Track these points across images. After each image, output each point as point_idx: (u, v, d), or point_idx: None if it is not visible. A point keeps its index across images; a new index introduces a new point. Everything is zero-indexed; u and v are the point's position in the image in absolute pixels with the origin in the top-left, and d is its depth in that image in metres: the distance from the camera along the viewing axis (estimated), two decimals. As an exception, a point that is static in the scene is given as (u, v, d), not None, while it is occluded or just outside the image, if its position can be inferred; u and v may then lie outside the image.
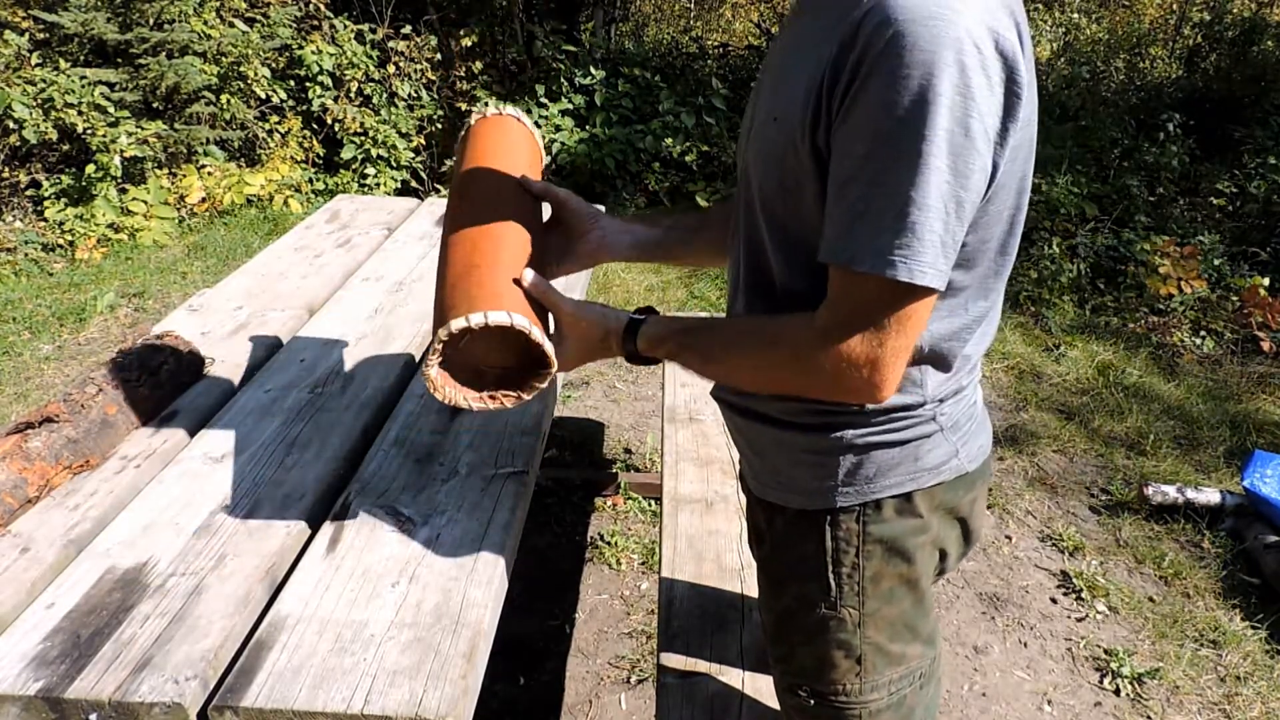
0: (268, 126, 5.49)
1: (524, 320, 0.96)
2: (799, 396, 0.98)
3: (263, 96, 5.42)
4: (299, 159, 5.59)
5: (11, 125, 4.54)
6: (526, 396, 1.02)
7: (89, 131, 4.70)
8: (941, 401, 1.00)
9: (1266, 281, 4.22)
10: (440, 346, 0.97)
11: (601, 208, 1.19)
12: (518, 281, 1.02)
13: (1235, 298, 4.13)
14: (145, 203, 4.86)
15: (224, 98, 5.23)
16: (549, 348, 0.99)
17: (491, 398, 1.02)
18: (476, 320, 0.94)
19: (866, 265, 0.80)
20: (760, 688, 1.55)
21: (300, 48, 5.45)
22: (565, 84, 5.75)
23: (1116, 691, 2.14)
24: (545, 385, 1.02)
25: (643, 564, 2.53)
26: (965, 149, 0.77)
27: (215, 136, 5.24)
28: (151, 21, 5.06)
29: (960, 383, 1.01)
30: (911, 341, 0.86)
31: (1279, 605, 2.40)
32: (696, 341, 1.02)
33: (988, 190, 0.84)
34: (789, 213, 0.93)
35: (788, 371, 0.92)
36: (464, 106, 5.76)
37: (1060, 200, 4.66)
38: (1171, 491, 2.76)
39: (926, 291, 0.82)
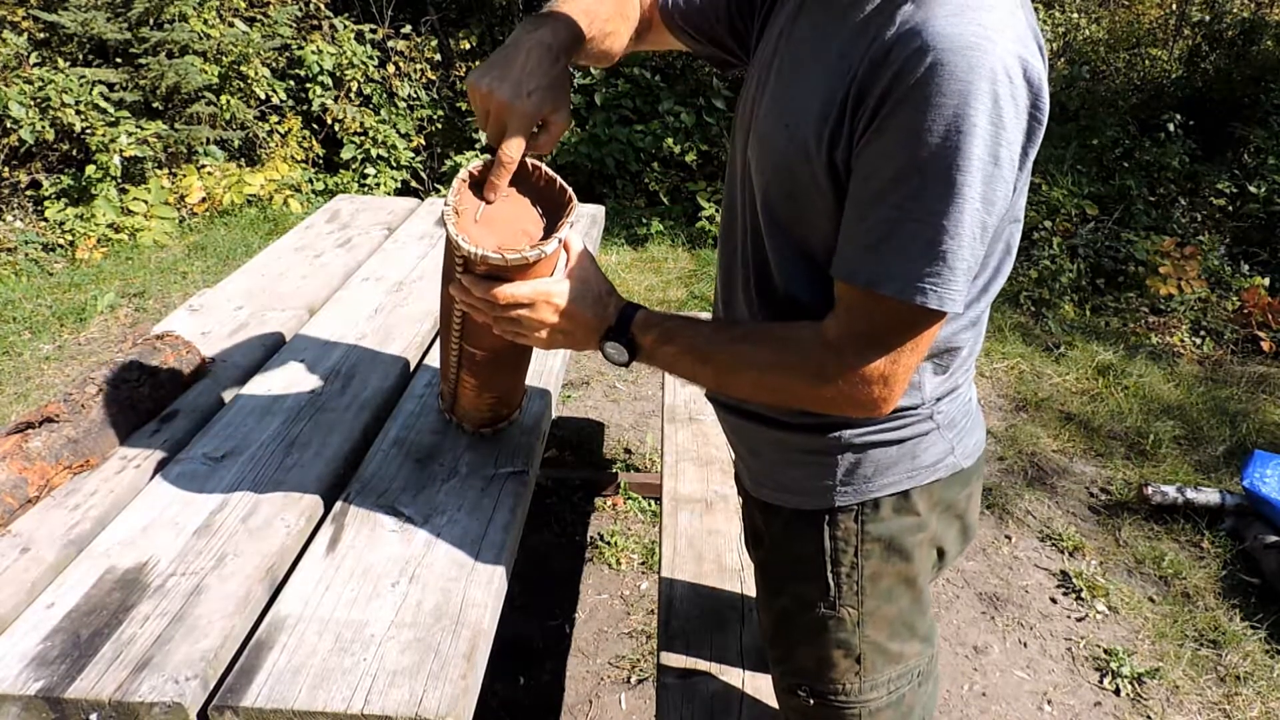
0: (268, 126, 5.49)
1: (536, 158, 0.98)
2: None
3: (263, 96, 5.42)
4: (299, 159, 5.59)
5: (10, 125, 4.54)
6: (546, 248, 0.94)
7: (88, 131, 4.70)
8: (938, 400, 1.00)
9: (1266, 281, 4.22)
10: (459, 187, 0.97)
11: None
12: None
13: (1235, 298, 4.13)
14: (145, 203, 4.86)
15: (224, 98, 5.23)
16: (568, 188, 0.98)
17: (508, 249, 0.95)
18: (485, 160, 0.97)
19: (892, 289, 0.80)
20: (760, 687, 1.55)
21: (300, 48, 5.46)
22: (565, 84, 5.74)
23: (1116, 691, 2.14)
24: (566, 230, 0.96)
25: (643, 564, 2.53)
26: (994, 177, 0.78)
27: (215, 136, 5.24)
28: (151, 21, 5.06)
29: (956, 381, 1.01)
30: (922, 358, 0.87)
31: (1279, 605, 2.40)
32: (694, 334, 0.97)
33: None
34: (793, 219, 0.92)
35: (793, 379, 0.91)
36: (464, 106, 5.76)
37: (1060, 200, 4.66)
38: (1171, 491, 2.76)
39: (946, 315, 0.83)
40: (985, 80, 0.74)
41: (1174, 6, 6.39)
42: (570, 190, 0.99)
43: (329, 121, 5.55)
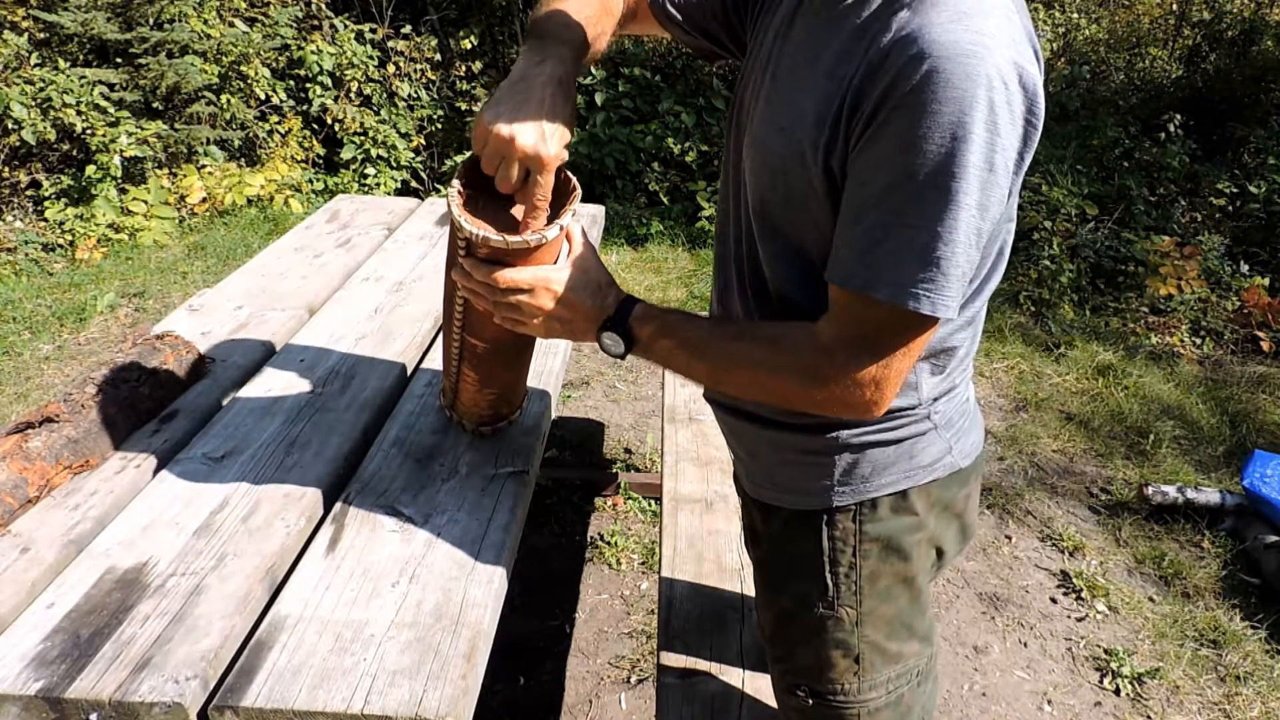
0: (268, 126, 5.49)
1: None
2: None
3: (263, 96, 5.42)
4: (299, 159, 5.59)
5: (11, 125, 4.54)
6: (548, 234, 0.95)
7: (89, 131, 4.70)
8: (935, 400, 1.00)
9: (1266, 281, 4.22)
10: (465, 172, 0.97)
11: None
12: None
13: (1235, 298, 4.13)
14: (145, 203, 4.86)
15: (224, 98, 5.23)
16: (572, 177, 0.98)
17: (509, 231, 0.95)
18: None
19: (886, 294, 0.80)
20: (760, 688, 1.55)
21: (300, 48, 5.46)
22: (565, 84, 5.73)
23: (1116, 691, 2.15)
24: (568, 218, 0.96)
25: (643, 564, 2.53)
26: (990, 184, 0.78)
27: (215, 136, 5.24)
28: (151, 21, 5.06)
29: (953, 381, 1.01)
30: (914, 362, 0.87)
31: (1279, 605, 2.40)
32: (691, 330, 0.97)
33: None
34: (787, 222, 0.92)
35: (786, 379, 0.91)
36: (464, 106, 5.77)
37: (1060, 200, 4.66)
38: (1171, 491, 2.76)
39: (939, 320, 0.83)
40: (981, 88, 0.74)
41: (1174, 6, 6.38)
42: (574, 179, 0.99)
43: (329, 121, 5.54)
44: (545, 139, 0.90)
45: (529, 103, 0.90)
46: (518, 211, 1.00)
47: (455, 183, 0.97)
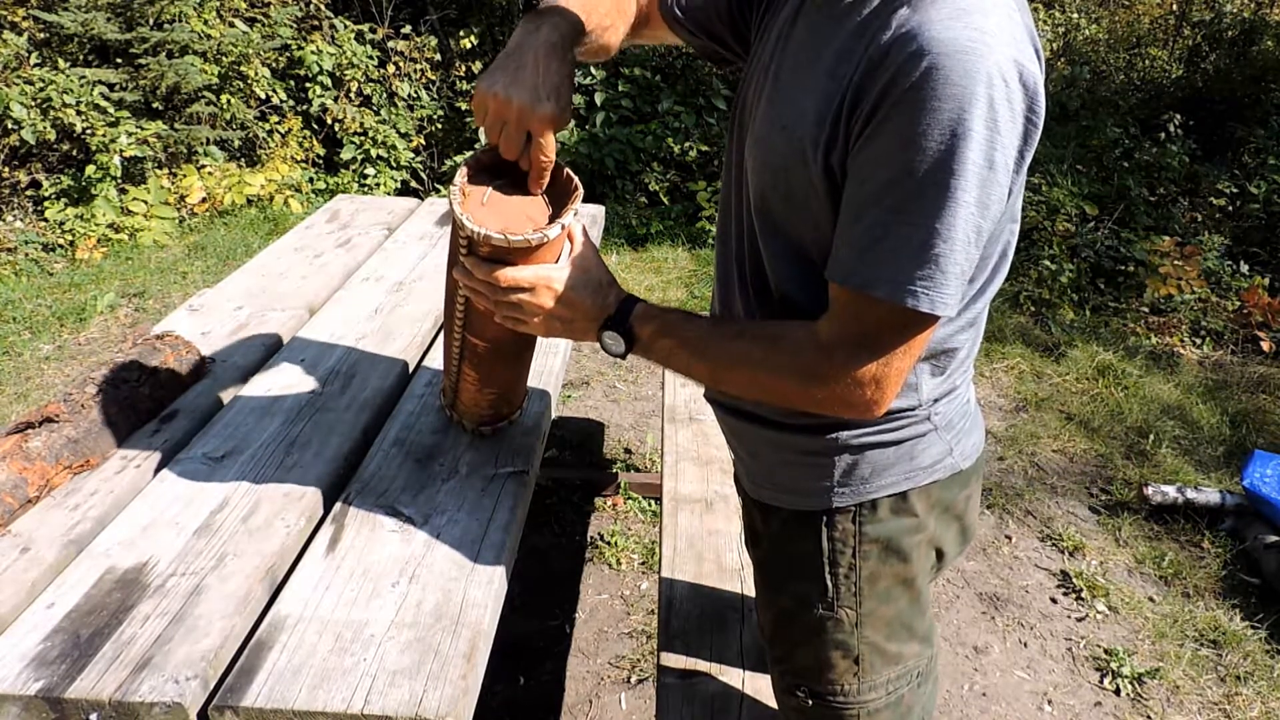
0: (268, 126, 5.49)
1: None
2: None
3: (263, 96, 5.42)
4: (299, 159, 5.59)
5: (10, 125, 4.54)
6: (549, 233, 0.95)
7: (89, 131, 4.70)
8: (936, 402, 1.00)
9: (1266, 281, 4.22)
10: (466, 171, 0.98)
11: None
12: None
13: (1235, 298, 4.13)
14: (145, 203, 4.87)
15: (224, 98, 5.23)
16: (574, 177, 1.00)
17: (510, 231, 0.95)
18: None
19: (884, 291, 0.80)
20: (760, 688, 1.55)
21: (300, 48, 5.46)
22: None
23: (1116, 691, 2.15)
24: (570, 217, 0.97)
25: (643, 564, 2.53)
26: (989, 181, 0.77)
27: (215, 136, 5.24)
28: (151, 21, 5.06)
29: (954, 382, 1.01)
30: (914, 361, 0.87)
31: (1279, 605, 2.40)
32: (691, 329, 0.97)
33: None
34: (788, 220, 0.92)
35: (785, 378, 0.91)
36: (464, 106, 5.77)
37: (1060, 200, 4.66)
38: (1171, 491, 2.76)
39: (939, 318, 0.83)
40: (981, 85, 0.74)
41: (1174, 6, 6.39)
42: (576, 179, 1.00)
43: (329, 121, 5.55)
44: (542, 99, 0.91)
45: (524, 68, 0.91)
46: (520, 210, 1.00)
47: (457, 181, 0.98)
